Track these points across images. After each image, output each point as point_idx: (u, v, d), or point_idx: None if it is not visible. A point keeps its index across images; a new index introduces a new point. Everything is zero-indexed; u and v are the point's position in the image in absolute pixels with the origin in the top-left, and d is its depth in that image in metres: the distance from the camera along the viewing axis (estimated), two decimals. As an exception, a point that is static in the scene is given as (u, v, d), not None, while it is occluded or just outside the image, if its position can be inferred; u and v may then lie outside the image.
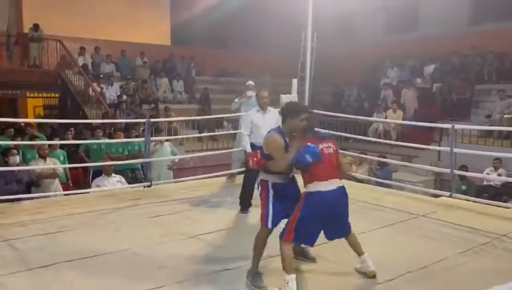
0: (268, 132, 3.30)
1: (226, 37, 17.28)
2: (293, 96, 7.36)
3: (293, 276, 3.06)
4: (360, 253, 3.36)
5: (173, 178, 7.44)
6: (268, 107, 5.09)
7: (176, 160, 7.91)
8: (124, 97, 11.75)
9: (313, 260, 3.60)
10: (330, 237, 3.33)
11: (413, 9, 15.07)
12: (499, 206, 5.23)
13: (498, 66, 12.29)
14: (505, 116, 10.21)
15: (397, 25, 15.41)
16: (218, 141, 11.07)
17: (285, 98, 7.28)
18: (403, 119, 11.16)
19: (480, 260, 3.64)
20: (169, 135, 10.13)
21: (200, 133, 11.04)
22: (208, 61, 15.59)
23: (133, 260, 3.68)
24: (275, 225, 3.28)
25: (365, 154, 8.82)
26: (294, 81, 7.54)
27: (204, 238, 4.19)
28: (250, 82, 6.89)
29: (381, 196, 5.84)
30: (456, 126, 5.55)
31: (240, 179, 6.79)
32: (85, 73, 12.07)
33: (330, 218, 3.17)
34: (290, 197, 3.27)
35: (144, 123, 6.42)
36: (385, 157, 8.29)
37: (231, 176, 6.79)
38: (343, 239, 3.35)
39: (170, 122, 10.35)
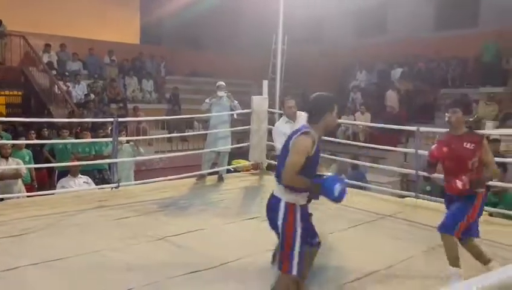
0: (296, 132, 2.61)
1: (197, 37, 17.17)
2: (264, 98, 7.41)
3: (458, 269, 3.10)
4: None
5: (136, 180, 7.30)
6: (298, 113, 4.52)
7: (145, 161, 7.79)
8: (92, 96, 11.49)
9: None
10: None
11: (382, 14, 15.43)
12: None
13: (461, 71, 12.75)
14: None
15: (366, 29, 15.74)
16: (188, 141, 10.99)
17: (256, 100, 7.33)
18: (378, 122, 11.35)
19: (443, 257, 3.76)
20: (138, 135, 9.98)
21: (169, 133, 10.92)
22: (179, 61, 15.45)
23: (99, 263, 3.60)
24: (300, 271, 2.56)
25: (335, 156, 8.95)
26: (265, 83, 7.58)
27: (172, 240, 4.14)
28: (221, 83, 6.88)
29: (350, 197, 5.92)
30: (421, 129, 5.72)
31: (210, 180, 6.78)
32: (50, 71, 11.71)
33: None
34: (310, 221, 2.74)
35: (112, 123, 6.29)
36: (357, 160, 8.43)
37: (201, 177, 6.75)
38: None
39: (139, 122, 10.19)
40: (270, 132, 7.56)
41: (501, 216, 5.90)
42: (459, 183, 3.12)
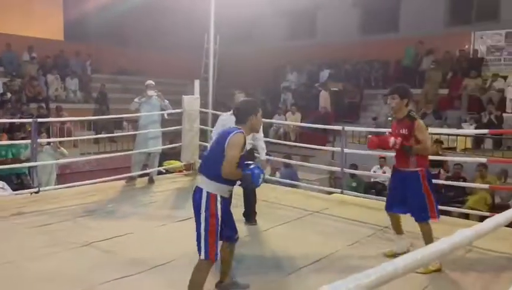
0: (231, 132, 2.88)
1: (125, 34, 16.58)
2: (195, 98, 7.34)
3: None
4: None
5: (60, 184, 6.92)
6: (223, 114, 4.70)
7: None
8: (9, 95, 10.67)
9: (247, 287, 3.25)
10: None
11: (311, 17, 15.95)
12: (384, 201, 5.74)
13: (383, 73, 13.55)
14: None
15: (297, 31, 16.19)
16: (117, 142, 10.58)
17: (187, 99, 7.24)
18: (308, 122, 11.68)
19: (366, 250, 3.97)
20: (62, 136, 9.44)
21: (97, 134, 10.44)
22: (106, 58, 14.83)
23: (18, 274, 3.35)
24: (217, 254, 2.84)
25: (269, 155, 9.10)
26: (197, 82, 7.51)
27: (99, 246, 3.96)
28: (150, 81, 6.71)
29: (281, 194, 6.08)
30: (346, 128, 5.99)
31: (141, 182, 6.58)
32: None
33: None
34: (230, 214, 2.99)
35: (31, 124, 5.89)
36: (290, 158, 8.64)
37: (131, 180, 6.53)
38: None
39: (63, 123, 9.63)
40: (202, 132, 7.52)
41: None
42: (391, 141, 3.48)
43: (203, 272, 2.86)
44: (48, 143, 7.25)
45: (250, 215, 4.72)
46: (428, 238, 3.54)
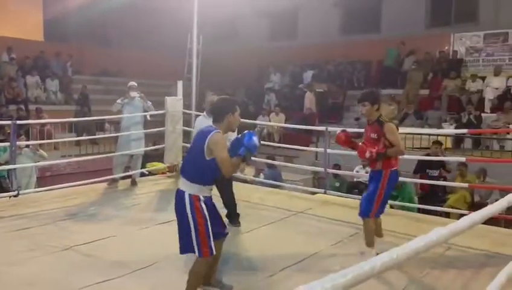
0: (208, 132, 2.85)
1: (107, 34, 16.39)
2: (178, 99, 7.29)
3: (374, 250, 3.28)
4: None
5: (40, 187, 6.79)
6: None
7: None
8: (-14, 97, 10.45)
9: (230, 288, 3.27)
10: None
11: (293, 19, 16.02)
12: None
13: (365, 73, 13.69)
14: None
15: (279, 32, 16.25)
16: (99, 144, 10.45)
17: (170, 100, 7.19)
18: (292, 122, 11.72)
19: (349, 249, 4.01)
20: (42, 138, 9.28)
21: (78, 136, 10.29)
22: (87, 59, 14.63)
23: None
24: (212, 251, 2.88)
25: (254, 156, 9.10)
26: (180, 83, 7.45)
27: (80, 250, 3.90)
28: (133, 83, 6.64)
29: (265, 195, 6.08)
30: (329, 128, 6.03)
31: (123, 184, 6.51)
32: None
33: None
34: (215, 212, 3.03)
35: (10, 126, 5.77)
36: (274, 159, 8.65)
37: (113, 182, 6.46)
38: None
39: (43, 125, 9.46)
40: (185, 133, 7.48)
41: (400, 208, 6.46)
42: (367, 153, 3.61)
43: (201, 268, 2.91)
44: (27, 146, 7.11)
45: (233, 216, 4.71)
46: (367, 236, 3.65)
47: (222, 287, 3.21)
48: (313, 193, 6.41)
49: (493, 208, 2.25)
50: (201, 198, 2.86)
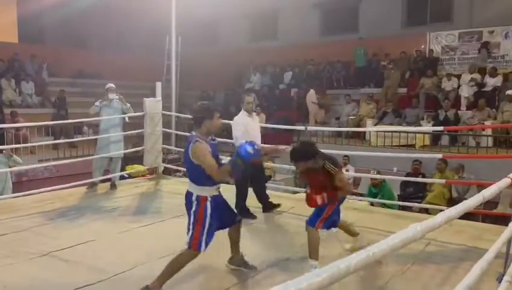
0: (189, 143, 3.05)
1: (84, 36, 16.10)
2: (157, 100, 7.22)
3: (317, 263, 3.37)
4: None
5: (16, 192, 6.63)
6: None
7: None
8: (-41, 100, 10.14)
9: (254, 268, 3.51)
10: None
11: (273, 20, 16.08)
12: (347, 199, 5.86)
13: (345, 73, 13.83)
14: (350, 117, 11.55)
15: (259, 33, 16.28)
16: (77, 147, 10.27)
17: (149, 102, 7.11)
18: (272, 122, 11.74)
19: (331, 247, 4.03)
20: (17, 142, 9.06)
21: (55, 139, 10.09)
22: (64, 61, 14.36)
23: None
24: (206, 246, 3.07)
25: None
26: (159, 85, 7.38)
27: (59, 255, 3.82)
28: (111, 85, 6.55)
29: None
30: (309, 128, 6.07)
31: (102, 188, 6.41)
32: None
33: None
34: (225, 206, 3.30)
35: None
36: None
37: (92, 186, 6.35)
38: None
39: (18, 129, 9.24)
40: (165, 135, 7.41)
41: (380, 205, 6.54)
42: (319, 200, 3.51)
43: (184, 257, 3.06)
44: (0, 151, 6.93)
45: (242, 211, 4.84)
46: (310, 246, 3.49)
47: (246, 267, 3.47)
48: (295, 192, 6.43)
49: (469, 203, 2.30)
50: (209, 198, 3.07)
